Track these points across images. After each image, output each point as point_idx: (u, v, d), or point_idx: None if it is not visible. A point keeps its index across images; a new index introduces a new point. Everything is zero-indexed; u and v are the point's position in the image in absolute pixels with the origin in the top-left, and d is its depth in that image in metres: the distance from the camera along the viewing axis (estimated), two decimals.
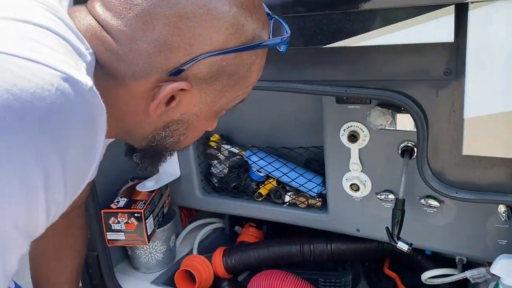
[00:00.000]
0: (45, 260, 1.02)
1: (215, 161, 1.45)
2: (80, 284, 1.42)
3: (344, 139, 1.16)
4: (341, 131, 1.16)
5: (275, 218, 1.38)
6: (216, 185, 1.47)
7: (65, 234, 1.02)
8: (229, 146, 1.41)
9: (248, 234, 1.59)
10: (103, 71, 0.54)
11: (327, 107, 1.16)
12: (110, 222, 1.32)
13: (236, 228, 1.67)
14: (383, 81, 0.86)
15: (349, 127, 1.14)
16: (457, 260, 1.24)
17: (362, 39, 0.74)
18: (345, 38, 0.76)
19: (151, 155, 0.63)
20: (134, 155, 0.65)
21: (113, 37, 0.53)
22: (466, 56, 0.77)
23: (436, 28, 0.72)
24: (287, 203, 1.35)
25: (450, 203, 1.09)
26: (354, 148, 1.16)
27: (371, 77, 0.87)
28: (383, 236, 1.12)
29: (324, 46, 0.79)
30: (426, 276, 1.21)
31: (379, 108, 1.03)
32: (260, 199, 1.40)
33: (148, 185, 1.43)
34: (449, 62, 0.78)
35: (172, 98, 0.56)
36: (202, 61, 0.54)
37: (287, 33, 0.60)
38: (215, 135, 1.44)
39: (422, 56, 0.82)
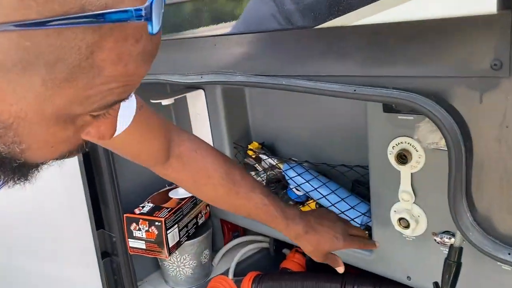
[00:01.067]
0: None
1: (253, 172, 1.27)
2: None
3: (392, 159, 0.90)
4: (389, 148, 0.90)
5: None
6: None
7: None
8: (266, 157, 1.22)
9: (293, 261, 1.38)
10: None
11: (372, 117, 0.91)
12: (132, 228, 1.23)
13: (284, 250, 1.47)
14: (404, 77, 0.60)
15: (398, 143, 0.88)
16: None
17: (367, 13, 0.50)
18: (346, 13, 0.52)
19: (9, 168, 0.47)
20: None
21: None
22: None
23: None
24: None
25: None
26: (405, 171, 0.89)
27: (388, 71, 0.61)
28: None
29: (317, 27, 0.56)
30: None
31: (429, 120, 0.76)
32: None
33: (180, 192, 1.30)
34: (498, 49, 0.49)
35: None
36: None
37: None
38: (254, 142, 1.26)
39: (458, 41, 0.54)
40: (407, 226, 0.91)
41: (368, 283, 1.11)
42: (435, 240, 0.89)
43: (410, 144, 0.87)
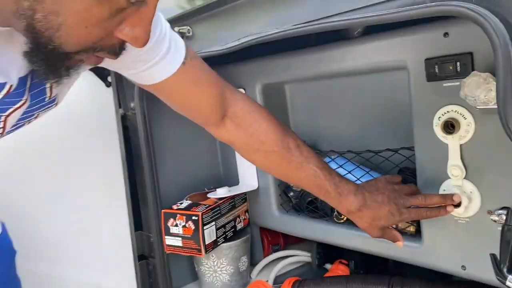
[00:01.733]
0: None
1: None
2: None
3: (438, 130, 0.85)
4: (435, 120, 0.85)
5: (356, 246, 1.08)
6: (293, 200, 1.25)
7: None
8: None
9: (337, 273, 1.29)
10: None
11: (416, 89, 0.88)
12: (169, 224, 1.21)
13: (327, 265, 1.38)
14: None
15: (445, 113, 0.83)
16: None
17: None
18: None
19: (44, 56, 0.48)
20: (30, 56, 0.51)
21: None
22: None
23: None
24: None
25: None
26: (454, 143, 0.83)
27: None
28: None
29: None
30: None
31: (478, 73, 0.72)
32: (341, 221, 1.12)
33: (219, 192, 1.28)
34: None
35: None
36: None
37: None
38: None
39: None
40: (459, 205, 0.84)
41: (418, 283, 1.02)
42: (491, 219, 0.81)
43: (458, 112, 0.82)
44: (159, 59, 0.72)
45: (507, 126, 0.50)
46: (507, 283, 0.68)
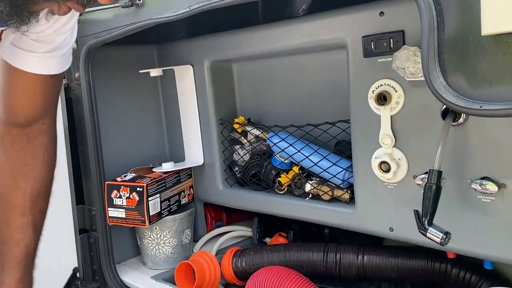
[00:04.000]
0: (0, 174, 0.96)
1: (238, 146, 1.28)
2: (81, 267, 1.30)
3: (372, 102, 0.92)
4: (369, 93, 0.93)
5: (296, 214, 1.14)
6: (237, 174, 1.29)
7: (23, 150, 0.93)
8: (251, 128, 1.23)
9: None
10: None
11: (354, 64, 0.95)
12: (112, 196, 1.21)
13: (267, 239, 1.44)
14: None
15: (378, 86, 0.91)
16: None
17: None
18: None
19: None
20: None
21: None
22: None
23: None
24: (309, 196, 1.11)
25: None
26: (385, 114, 0.91)
27: None
28: (425, 240, 0.83)
29: None
30: None
31: (407, 47, 0.80)
32: (281, 192, 1.17)
33: (165, 167, 1.30)
34: None
35: None
36: None
37: None
38: (240, 117, 1.28)
39: None
40: (388, 170, 0.92)
41: (351, 249, 1.09)
42: (416, 183, 0.90)
43: (390, 86, 0.90)
44: (55, 53, 0.77)
45: (430, 83, 0.57)
46: (428, 234, 0.76)
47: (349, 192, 1.05)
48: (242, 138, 1.27)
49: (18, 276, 0.97)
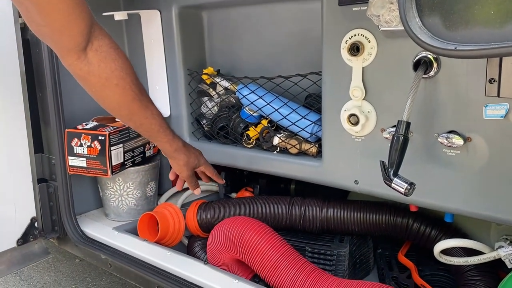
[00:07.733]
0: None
1: (206, 98, 1.24)
2: (40, 217, 1.25)
3: (344, 53, 0.90)
4: (342, 43, 0.91)
5: (263, 168, 1.13)
6: (205, 127, 1.26)
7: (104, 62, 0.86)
8: (220, 79, 1.19)
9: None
10: None
11: (328, 13, 0.92)
12: (73, 144, 1.16)
13: (233, 194, 1.43)
14: None
15: (352, 36, 0.89)
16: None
17: None
18: None
19: None
20: None
21: None
22: None
23: None
24: (277, 149, 1.09)
25: (478, 140, 0.78)
26: (357, 65, 0.90)
27: None
28: (389, 193, 0.83)
29: None
30: (439, 248, 0.87)
31: None
32: (249, 146, 1.16)
33: None
34: None
35: None
36: None
37: None
38: (209, 68, 1.24)
39: None
40: (357, 123, 0.91)
41: (316, 202, 1.10)
42: (384, 136, 0.90)
43: (363, 36, 0.88)
44: None
45: (406, 24, 0.55)
46: (392, 185, 0.76)
47: (316, 145, 1.04)
48: (211, 89, 1.23)
49: None
